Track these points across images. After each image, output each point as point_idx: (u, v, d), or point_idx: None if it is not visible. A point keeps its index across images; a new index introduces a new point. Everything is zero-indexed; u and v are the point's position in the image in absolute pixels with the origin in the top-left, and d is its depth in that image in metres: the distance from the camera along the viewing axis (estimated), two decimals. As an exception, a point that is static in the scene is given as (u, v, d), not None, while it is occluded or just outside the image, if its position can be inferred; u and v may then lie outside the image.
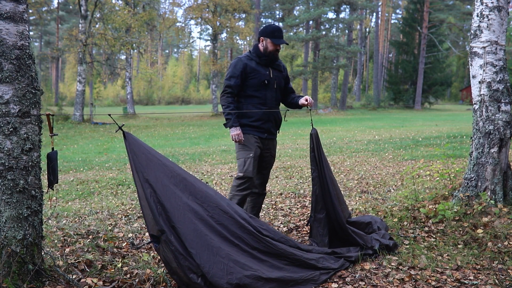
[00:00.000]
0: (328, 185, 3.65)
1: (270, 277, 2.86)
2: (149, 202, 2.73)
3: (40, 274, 2.75)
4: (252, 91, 3.94)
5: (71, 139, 16.01)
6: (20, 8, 2.66)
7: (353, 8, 36.25)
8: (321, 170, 3.66)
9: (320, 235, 3.66)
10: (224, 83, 4.00)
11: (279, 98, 4.12)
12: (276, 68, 4.05)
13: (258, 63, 3.96)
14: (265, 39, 3.95)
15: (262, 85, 3.93)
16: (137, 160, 2.74)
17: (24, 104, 2.63)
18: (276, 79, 4.03)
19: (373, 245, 3.55)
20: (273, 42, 3.92)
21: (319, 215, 3.67)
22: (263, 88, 3.95)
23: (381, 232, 3.80)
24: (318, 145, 3.70)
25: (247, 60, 3.95)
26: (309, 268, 3.11)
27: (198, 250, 2.75)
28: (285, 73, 4.15)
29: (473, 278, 3.13)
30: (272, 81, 3.99)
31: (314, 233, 3.71)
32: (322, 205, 3.66)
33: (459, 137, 12.00)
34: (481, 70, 4.42)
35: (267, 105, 3.96)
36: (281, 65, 4.13)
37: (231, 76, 3.91)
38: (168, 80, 58.81)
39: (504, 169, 4.42)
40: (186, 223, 2.78)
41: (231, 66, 3.98)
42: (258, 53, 3.98)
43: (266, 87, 3.95)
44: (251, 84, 3.93)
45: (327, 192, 3.65)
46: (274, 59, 4.00)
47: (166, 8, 47.21)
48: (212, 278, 2.71)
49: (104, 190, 6.67)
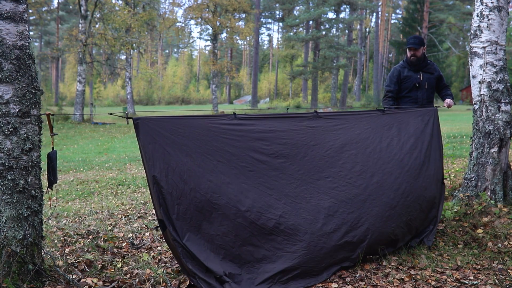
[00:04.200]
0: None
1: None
2: (154, 191, 2.77)
3: (40, 274, 2.75)
4: (406, 92, 4.72)
5: (71, 139, 16.00)
6: (20, 8, 2.66)
7: (353, 8, 36.23)
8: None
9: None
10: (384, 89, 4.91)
11: (431, 97, 4.74)
12: (426, 71, 4.72)
13: (409, 69, 4.72)
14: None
15: (413, 87, 4.69)
16: (144, 150, 2.76)
17: (24, 104, 2.63)
18: (427, 81, 4.69)
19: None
20: (407, 48, 4.72)
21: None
22: (414, 90, 4.69)
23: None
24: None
25: (401, 68, 4.77)
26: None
27: (193, 242, 2.80)
28: (436, 74, 4.77)
29: (473, 278, 3.13)
30: (423, 83, 4.68)
31: None
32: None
33: (459, 137, 11.98)
34: (481, 70, 4.42)
35: (418, 103, 4.62)
36: (432, 67, 4.77)
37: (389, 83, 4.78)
38: (168, 80, 58.77)
39: (504, 169, 4.42)
40: (184, 217, 2.82)
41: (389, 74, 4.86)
42: (407, 61, 4.75)
43: (417, 89, 4.68)
44: (404, 87, 4.72)
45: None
46: (417, 63, 4.66)
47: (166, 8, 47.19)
48: (207, 266, 2.80)
49: (104, 190, 6.66)
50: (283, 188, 3.12)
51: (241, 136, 3.07)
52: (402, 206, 3.54)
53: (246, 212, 2.96)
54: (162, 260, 3.45)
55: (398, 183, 3.58)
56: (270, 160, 3.13)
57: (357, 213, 3.31)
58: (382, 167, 3.55)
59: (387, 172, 3.55)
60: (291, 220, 3.07)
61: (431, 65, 4.77)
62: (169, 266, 3.31)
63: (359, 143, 3.52)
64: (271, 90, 57.76)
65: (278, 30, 66.93)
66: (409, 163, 3.69)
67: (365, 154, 3.51)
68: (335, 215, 3.22)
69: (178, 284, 2.99)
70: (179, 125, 2.87)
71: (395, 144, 3.69)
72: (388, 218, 3.44)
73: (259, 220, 2.99)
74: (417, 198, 3.67)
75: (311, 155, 3.29)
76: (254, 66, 36.19)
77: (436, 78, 4.76)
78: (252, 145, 3.09)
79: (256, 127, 3.15)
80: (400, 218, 3.52)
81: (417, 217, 3.67)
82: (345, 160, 3.41)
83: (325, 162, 3.33)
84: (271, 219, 3.01)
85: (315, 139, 3.35)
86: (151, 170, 2.75)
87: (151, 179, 2.76)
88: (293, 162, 3.21)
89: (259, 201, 3.01)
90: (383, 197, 3.46)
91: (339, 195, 3.28)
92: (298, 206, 3.13)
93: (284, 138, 3.22)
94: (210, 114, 3.26)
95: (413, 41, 4.68)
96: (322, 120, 3.45)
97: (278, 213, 3.05)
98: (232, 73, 34.16)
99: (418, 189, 3.69)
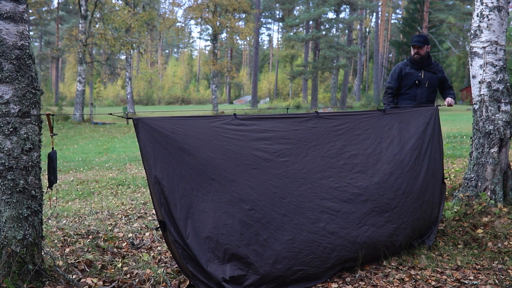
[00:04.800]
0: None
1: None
2: (155, 191, 2.76)
3: (40, 274, 2.75)
4: (405, 89, 4.75)
5: (71, 139, 15.99)
6: (20, 8, 2.66)
7: (353, 8, 36.22)
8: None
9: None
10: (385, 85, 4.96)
11: (432, 96, 4.74)
12: (429, 70, 4.72)
13: (411, 67, 4.74)
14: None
15: (413, 85, 4.71)
16: (145, 150, 2.75)
17: (24, 104, 2.63)
18: (429, 80, 4.69)
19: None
20: (411, 46, 4.73)
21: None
22: (414, 87, 4.71)
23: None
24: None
25: (403, 65, 4.80)
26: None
27: (196, 242, 2.79)
28: (440, 75, 4.78)
29: (473, 278, 3.13)
30: (424, 81, 4.68)
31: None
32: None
33: (459, 137, 11.99)
34: (481, 70, 4.42)
35: (417, 101, 4.66)
36: (436, 67, 4.76)
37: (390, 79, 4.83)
38: (168, 80, 58.74)
39: (504, 169, 4.42)
40: (186, 216, 2.81)
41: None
42: (411, 59, 4.77)
43: (417, 86, 4.70)
44: (404, 84, 4.75)
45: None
46: (420, 61, 4.68)
47: (166, 8, 47.17)
48: (208, 268, 2.78)
49: (104, 190, 6.66)
50: (287, 187, 3.11)
51: (242, 136, 3.07)
52: (402, 207, 3.54)
53: (250, 210, 2.94)
54: (162, 260, 3.45)
55: (398, 184, 3.58)
56: (273, 159, 3.13)
57: (358, 214, 3.31)
58: (382, 167, 3.55)
59: (387, 173, 3.55)
60: (295, 219, 3.07)
61: (435, 65, 4.79)
62: (169, 266, 3.31)
63: (359, 144, 3.53)
64: (271, 90, 57.76)
65: (278, 30, 66.96)
66: (409, 164, 3.69)
67: (365, 155, 3.51)
68: (338, 215, 3.23)
69: (178, 284, 2.99)
70: (180, 124, 2.87)
71: (395, 144, 3.69)
72: (388, 218, 3.45)
73: (263, 218, 2.97)
74: (417, 199, 3.67)
75: (313, 155, 3.30)
76: (254, 66, 36.18)
77: (439, 78, 4.77)
78: (254, 144, 3.09)
79: (257, 127, 3.15)
80: (401, 218, 3.52)
81: (419, 217, 3.67)
82: (345, 161, 3.42)
83: (326, 163, 3.34)
84: (275, 218, 3.00)
85: (316, 139, 3.36)
86: (152, 170, 2.75)
87: (152, 178, 2.75)
88: (296, 161, 3.21)
89: (263, 199, 3.01)
90: (384, 197, 3.47)
91: (341, 195, 3.29)
92: (302, 205, 3.12)
93: (285, 138, 3.23)
94: (210, 115, 3.25)
95: (417, 39, 4.70)
96: (322, 121, 3.45)
97: (282, 212, 3.04)
98: (232, 73, 34.16)
99: (418, 190, 3.69)
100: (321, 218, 3.16)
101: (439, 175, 3.97)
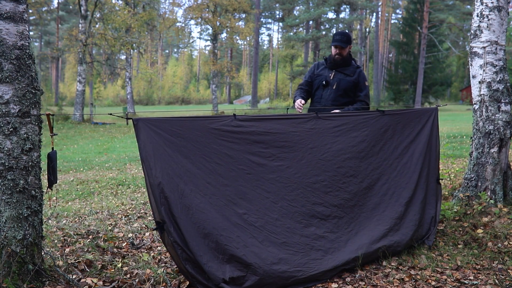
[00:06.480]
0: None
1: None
2: (153, 191, 2.76)
3: (40, 274, 2.75)
4: (314, 90, 4.30)
5: (71, 139, 15.99)
6: (20, 8, 2.66)
7: (353, 8, 36.25)
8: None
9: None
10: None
11: (339, 100, 4.16)
12: (342, 71, 4.18)
13: (325, 67, 4.28)
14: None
15: (320, 86, 4.23)
16: (145, 150, 2.75)
17: (24, 104, 2.63)
18: (338, 81, 4.15)
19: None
20: (332, 45, 4.22)
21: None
22: (321, 88, 4.23)
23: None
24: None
25: (319, 63, 4.37)
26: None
27: (196, 242, 2.80)
28: (354, 78, 4.17)
29: (473, 278, 3.13)
30: (332, 83, 4.17)
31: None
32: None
33: (459, 137, 11.98)
34: (481, 70, 4.42)
35: (321, 103, 4.19)
36: (353, 70, 4.18)
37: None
38: (168, 80, 58.76)
39: (504, 169, 4.42)
40: (187, 216, 2.81)
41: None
42: (329, 58, 4.28)
43: (323, 87, 4.21)
44: (315, 85, 4.29)
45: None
46: (341, 62, 4.17)
47: (166, 8, 47.18)
48: (208, 269, 2.79)
49: (104, 190, 6.67)
50: (280, 191, 3.17)
51: (239, 139, 3.09)
52: (391, 211, 3.56)
53: (244, 214, 3.00)
54: (162, 260, 3.45)
55: (385, 189, 3.61)
56: (267, 163, 3.17)
57: (347, 218, 3.38)
58: (372, 172, 3.59)
59: (375, 178, 3.60)
60: (287, 224, 3.12)
61: (353, 68, 4.19)
62: (169, 266, 3.31)
63: (355, 146, 3.54)
64: (271, 90, 57.77)
65: (278, 30, 66.98)
66: (397, 168, 3.70)
67: (358, 159, 3.54)
68: (327, 219, 3.29)
69: (178, 284, 2.99)
70: (178, 126, 2.88)
71: (386, 148, 3.69)
72: (377, 222, 3.47)
73: (256, 222, 3.02)
74: (409, 202, 3.67)
75: (308, 158, 3.33)
76: (254, 66, 36.18)
77: (353, 82, 4.15)
78: (250, 148, 3.12)
79: (255, 129, 3.17)
80: (390, 222, 3.52)
81: (411, 219, 3.65)
82: (340, 165, 3.45)
83: (321, 166, 3.37)
84: (268, 222, 3.05)
85: (313, 141, 3.37)
86: (153, 170, 2.75)
87: (152, 178, 2.75)
88: (291, 165, 3.25)
89: (256, 203, 3.06)
90: (369, 203, 3.52)
91: (331, 200, 3.35)
92: (294, 210, 3.18)
93: (282, 141, 3.25)
94: (210, 115, 3.25)
95: (339, 38, 4.12)
96: (321, 121, 3.45)
97: (275, 216, 3.10)
98: (232, 73, 34.16)
99: (408, 193, 3.68)
100: (312, 223, 3.22)
101: (434, 176, 3.97)
